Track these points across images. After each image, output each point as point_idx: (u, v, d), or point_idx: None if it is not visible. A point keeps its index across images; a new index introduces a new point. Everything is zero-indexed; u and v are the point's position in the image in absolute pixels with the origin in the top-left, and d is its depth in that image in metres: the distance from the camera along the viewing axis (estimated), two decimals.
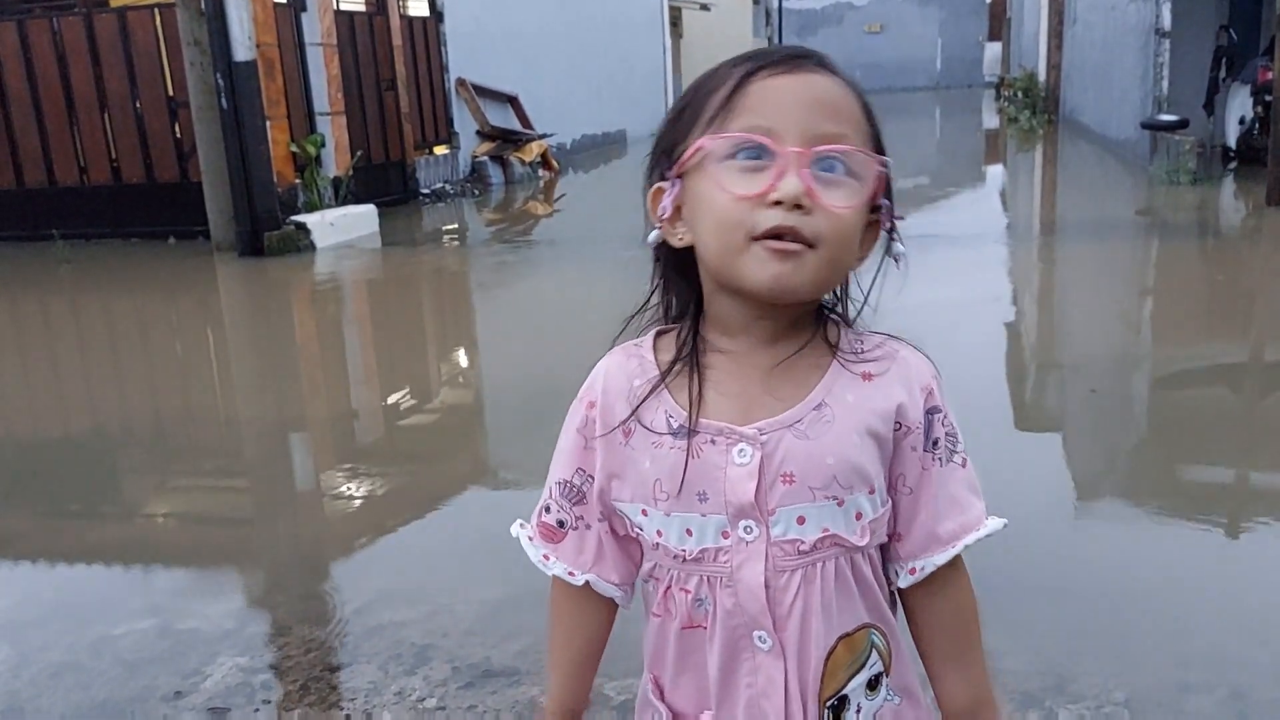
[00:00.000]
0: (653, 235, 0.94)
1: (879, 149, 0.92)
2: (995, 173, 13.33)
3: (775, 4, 33.03)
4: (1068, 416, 3.88)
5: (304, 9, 9.20)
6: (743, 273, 0.88)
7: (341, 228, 8.46)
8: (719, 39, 26.01)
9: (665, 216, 0.92)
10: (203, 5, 7.55)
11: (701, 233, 0.90)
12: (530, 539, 1.05)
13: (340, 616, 2.49)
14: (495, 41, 13.17)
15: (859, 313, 1.00)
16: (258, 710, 2.10)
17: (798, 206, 0.84)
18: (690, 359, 0.95)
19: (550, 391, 4.34)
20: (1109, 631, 2.22)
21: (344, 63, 9.77)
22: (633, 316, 1.01)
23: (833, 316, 0.98)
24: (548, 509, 1.03)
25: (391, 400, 4.58)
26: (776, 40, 32.92)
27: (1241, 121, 9.23)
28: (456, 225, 9.89)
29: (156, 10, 8.40)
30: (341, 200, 9.20)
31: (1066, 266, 6.64)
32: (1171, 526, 2.80)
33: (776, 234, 0.85)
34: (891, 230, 0.96)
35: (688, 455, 0.92)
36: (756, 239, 0.86)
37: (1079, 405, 3.96)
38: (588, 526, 1.01)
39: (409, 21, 11.19)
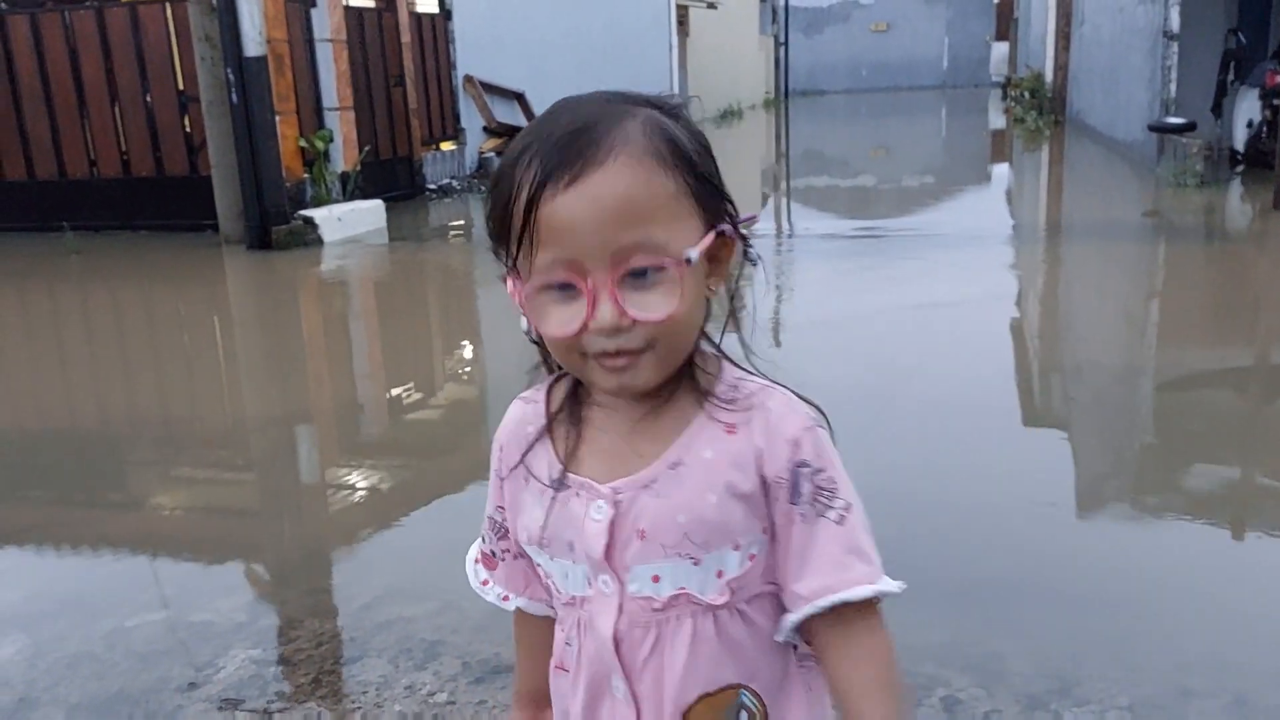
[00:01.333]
0: (523, 321, 0.92)
1: (710, 189, 0.89)
2: (1001, 173, 13.33)
3: (782, 2, 33.01)
4: (1071, 418, 3.89)
5: (314, 5, 9.22)
6: (589, 378, 0.90)
7: (349, 223, 8.49)
8: (726, 37, 26.03)
9: (521, 312, 0.90)
10: (214, 1, 7.57)
11: (546, 340, 0.91)
12: (476, 561, 1.10)
13: (350, 611, 2.52)
14: (503, 39, 13.19)
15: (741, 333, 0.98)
16: (271, 702, 2.13)
17: (619, 329, 0.84)
18: (568, 413, 0.97)
19: None
20: (1113, 636, 2.24)
21: (353, 59, 9.79)
22: (532, 370, 1.01)
23: (713, 356, 0.95)
24: (484, 539, 1.08)
25: (398, 394, 4.61)
26: (783, 37, 32.90)
27: (1249, 125, 9.23)
28: (462, 221, 9.92)
29: (168, 5, 8.42)
30: (349, 195, 9.23)
31: (1071, 267, 6.65)
32: (1176, 530, 2.82)
33: (607, 354, 0.86)
34: (745, 248, 0.94)
35: (552, 506, 0.94)
36: (591, 356, 0.87)
37: (1082, 407, 3.98)
38: (515, 557, 1.05)
39: (417, 18, 11.22)
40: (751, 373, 0.96)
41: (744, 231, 0.93)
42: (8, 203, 9.23)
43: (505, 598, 1.07)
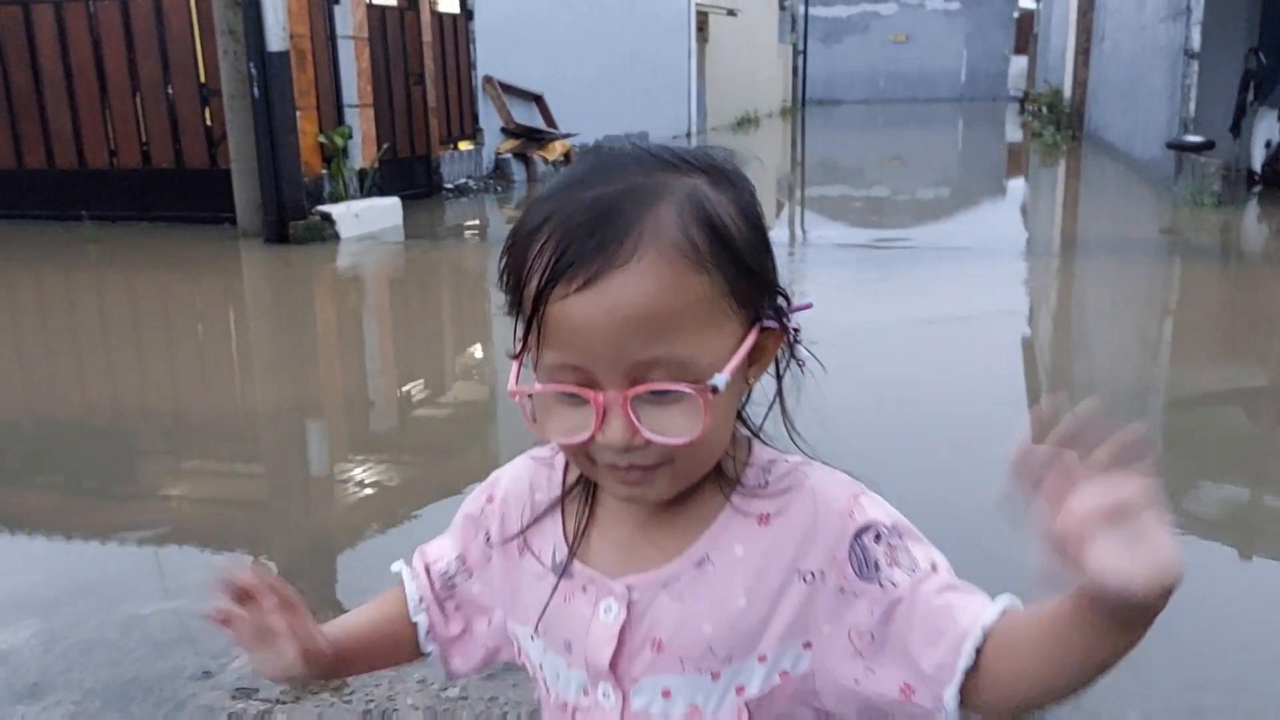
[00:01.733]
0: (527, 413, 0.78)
1: (758, 282, 0.76)
2: (1017, 187, 13.32)
3: (801, 11, 33.03)
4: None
5: (337, 2, 9.26)
6: (599, 481, 0.80)
7: (366, 219, 8.52)
8: (745, 43, 26.05)
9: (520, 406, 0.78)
10: None
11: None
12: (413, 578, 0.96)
13: (363, 601, 2.51)
14: (523, 40, 13.24)
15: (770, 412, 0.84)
16: (284, 693, 2.14)
17: (630, 448, 0.74)
18: (585, 489, 0.85)
19: None
20: None
21: (374, 56, 9.84)
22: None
23: (743, 438, 0.84)
24: (428, 569, 0.95)
25: (407, 391, 4.63)
26: (801, 45, 32.91)
27: (1267, 145, 9.22)
28: (478, 221, 9.95)
29: None
30: (366, 192, 9.27)
31: (1085, 284, 6.64)
32: (1187, 548, 2.82)
33: (618, 467, 0.76)
34: (792, 343, 0.82)
35: (550, 597, 0.83)
36: (601, 464, 0.76)
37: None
38: (456, 608, 0.94)
39: (439, 18, 11.26)
40: (783, 452, 0.84)
41: (794, 325, 0.81)
42: (28, 190, 9.29)
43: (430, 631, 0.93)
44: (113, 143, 9.04)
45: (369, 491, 3.46)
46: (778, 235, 8.94)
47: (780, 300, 0.79)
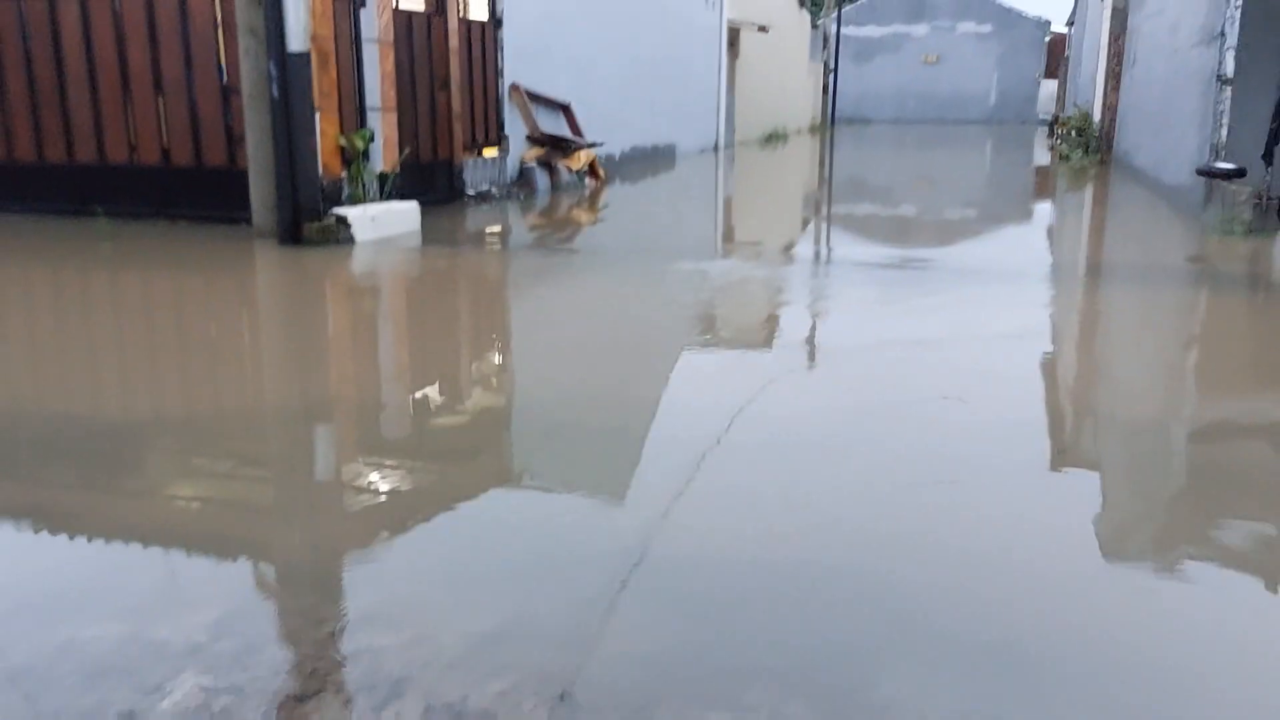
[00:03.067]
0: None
1: None
2: (1044, 210, 13.14)
3: (833, 29, 32.93)
4: (1099, 464, 3.76)
5: (363, 5, 9.25)
6: None
7: (382, 223, 8.48)
8: (776, 60, 25.98)
9: None
10: None
11: None
12: None
13: (316, 638, 2.39)
14: (552, 49, 13.21)
15: None
16: None
17: None
18: None
19: (571, 403, 4.30)
20: (1144, 705, 2.12)
21: (399, 60, 9.81)
22: None
23: None
24: None
25: (405, 401, 4.54)
26: (833, 66, 32.79)
27: None
28: (499, 228, 9.89)
29: None
30: (386, 196, 9.24)
31: (1110, 309, 6.49)
32: (1213, 584, 2.69)
33: None
34: None
35: None
36: None
37: (1111, 453, 3.84)
38: None
39: (467, 25, 11.24)
40: None
41: None
42: (48, 185, 9.31)
43: None
44: (133, 139, 9.04)
45: (347, 511, 3.33)
46: (805, 252, 8.85)
47: None
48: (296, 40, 7.64)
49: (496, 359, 5.33)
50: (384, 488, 3.48)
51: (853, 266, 7.81)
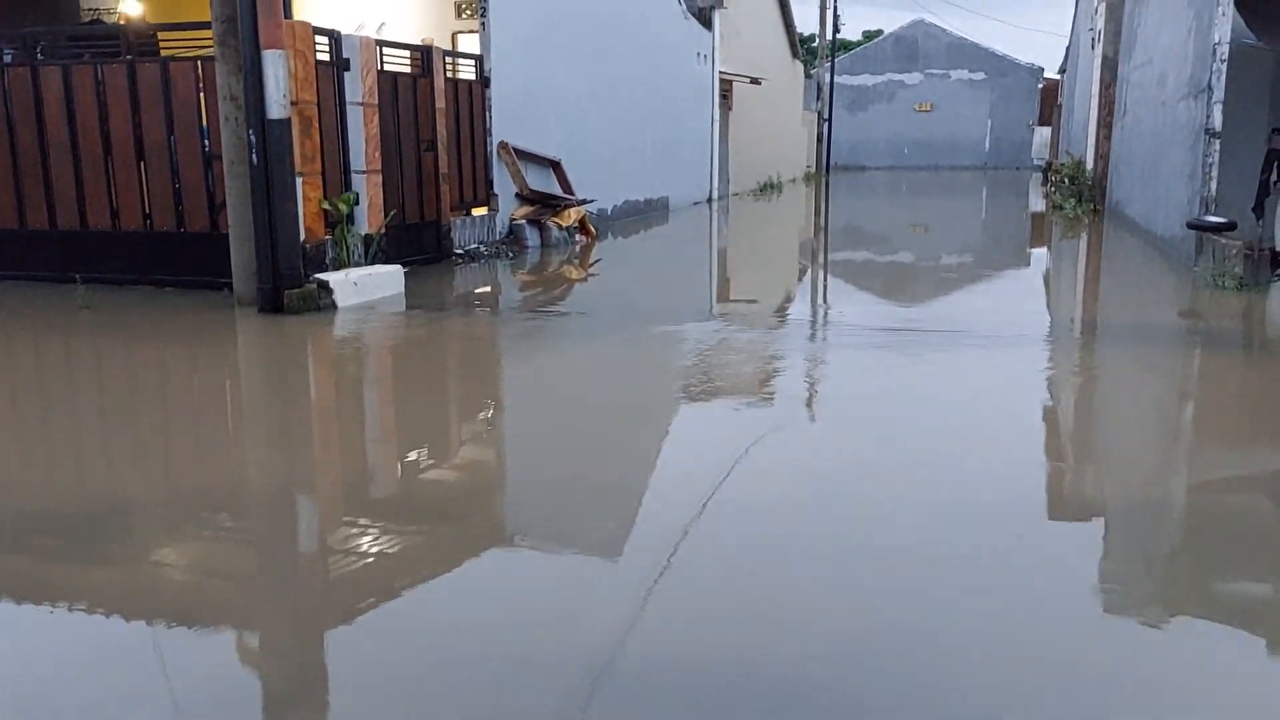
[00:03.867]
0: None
1: None
2: (1039, 261, 13.08)
3: (826, 79, 33.21)
4: (1093, 526, 3.62)
5: (347, 69, 9.25)
6: None
7: (365, 287, 8.40)
8: (770, 110, 26.13)
9: None
10: (241, 62, 7.58)
11: None
12: None
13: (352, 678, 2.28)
14: (541, 106, 13.24)
15: None
16: None
17: None
18: None
19: (562, 481, 4.16)
20: None
21: (384, 122, 9.80)
22: None
23: None
24: None
25: (380, 476, 4.41)
26: (827, 114, 33.01)
27: None
28: (486, 289, 9.82)
29: (199, 62, 8.47)
30: (372, 258, 9.17)
31: (1104, 369, 6.38)
32: (1211, 641, 2.57)
33: None
34: None
35: None
36: None
37: (1110, 517, 3.70)
38: None
39: (454, 84, 11.25)
40: None
41: None
42: (30, 251, 9.25)
43: None
44: (115, 204, 8.99)
45: (358, 567, 3.24)
46: (797, 311, 8.75)
47: None
48: (276, 107, 7.60)
49: (482, 436, 5.20)
50: (356, 567, 3.33)
51: (847, 330, 7.67)
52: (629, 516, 3.79)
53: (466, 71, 11.68)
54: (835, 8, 33.89)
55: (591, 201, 13.91)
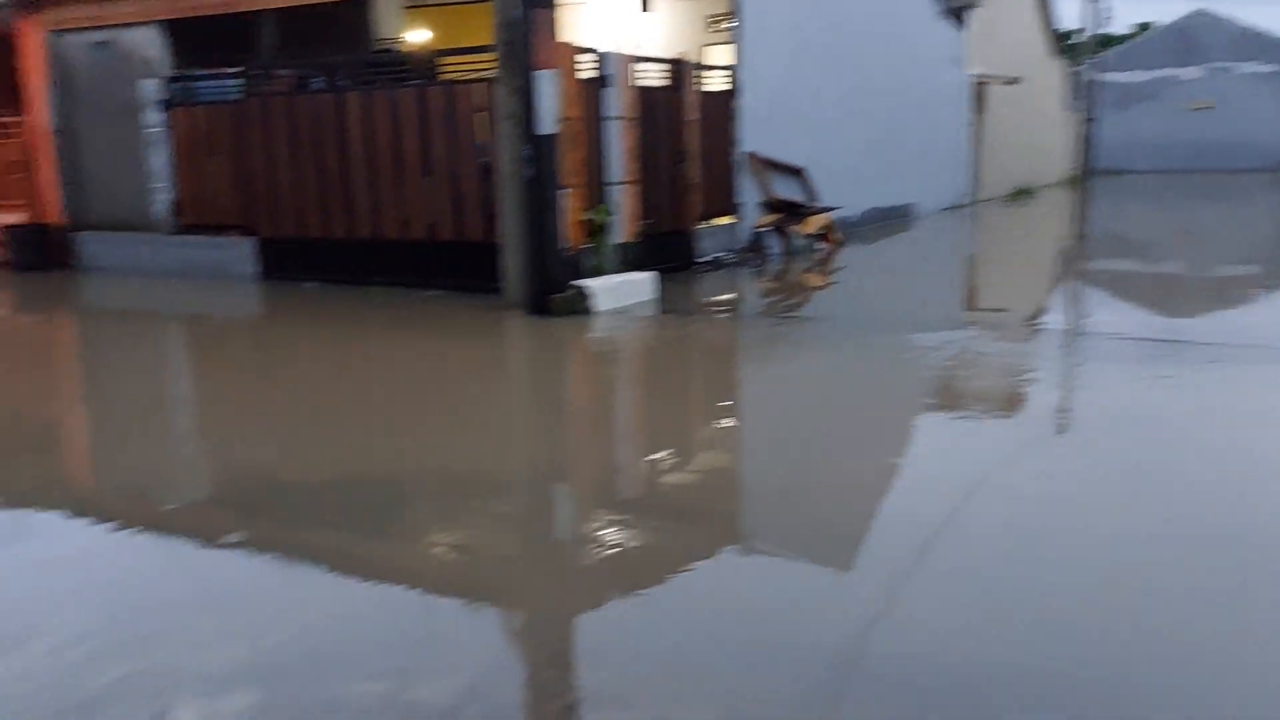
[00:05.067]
0: None
1: None
2: None
3: (1090, 77, 31.41)
4: None
5: (606, 84, 9.79)
6: None
7: (621, 293, 8.88)
8: (1026, 112, 25.07)
9: None
10: (518, 81, 8.24)
11: None
12: None
13: (556, 710, 2.58)
14: (788, 114, 13.39)
15: None
16: None
17: None
18: None
19: (798, 486, 4.37)
20: None
21: (639, 135, 10.28)
22: None
23: None
24: None
25: (635, 469, 4.76)
26: (1090, 115, 31.23)
27: None
28: (732, 295, 10.12)
29: (481, 84, 9.22)
30: (626, 266, 9.66)
31: None
32: None
33: None
34: None
35: None
36: None
37: None
38: None
39: (703, 96, 11.61)
40: None
41: None
42: (330, 258, 10.37)
43: None
44: (405, 216, 9.93)
45: (617, 557, 3.56)
46: (1052, 321, 8.52)
47: None
48: (548, 124, 8.21)
49: (725, 427, 5.49)
50: (613, 555, 3.68)
51: (1106, 339, 7.40)
52: (875, 519, 3.93)
53: (714, 83, 12.02)
54: None
55: (836, 209, 13.94)
